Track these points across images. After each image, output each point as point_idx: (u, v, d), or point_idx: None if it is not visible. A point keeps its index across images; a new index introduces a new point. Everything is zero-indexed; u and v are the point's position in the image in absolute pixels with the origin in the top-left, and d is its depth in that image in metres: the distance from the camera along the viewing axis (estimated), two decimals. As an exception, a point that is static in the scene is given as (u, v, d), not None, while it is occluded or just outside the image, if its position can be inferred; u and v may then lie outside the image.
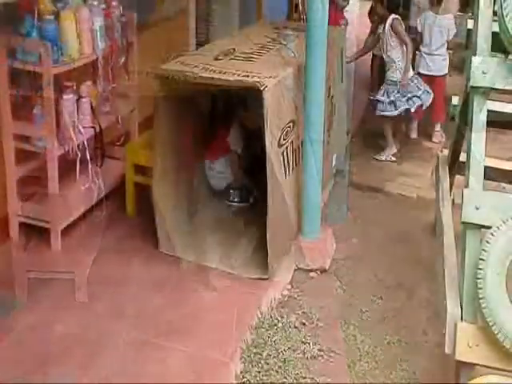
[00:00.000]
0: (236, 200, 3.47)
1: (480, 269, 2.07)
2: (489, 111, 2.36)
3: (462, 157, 2.94)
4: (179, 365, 2.40)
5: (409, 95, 4.17)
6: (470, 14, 4.63)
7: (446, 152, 3.35)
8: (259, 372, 2.41)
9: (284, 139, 2.89)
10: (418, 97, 4.21)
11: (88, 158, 3.04)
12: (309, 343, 2.57)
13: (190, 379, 2.34)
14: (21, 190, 3.02)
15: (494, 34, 2.38)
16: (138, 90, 3.45)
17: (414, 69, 4.42)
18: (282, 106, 2.86)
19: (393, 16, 4.14)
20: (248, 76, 2.73)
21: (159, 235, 3.05)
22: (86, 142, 2.99)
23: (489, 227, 2.14)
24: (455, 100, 4.02)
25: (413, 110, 4.23)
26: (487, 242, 2.09)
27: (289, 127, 2.93)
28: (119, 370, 2.35)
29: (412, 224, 3.60)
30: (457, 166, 3.16)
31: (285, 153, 2.92)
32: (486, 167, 2.28)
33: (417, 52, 4.63)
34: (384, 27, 4.15)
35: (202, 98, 3.11)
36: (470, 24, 3.16)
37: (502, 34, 2.32)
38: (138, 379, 2.32)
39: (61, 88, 2.87)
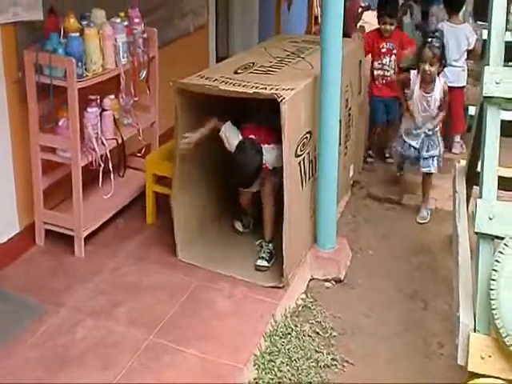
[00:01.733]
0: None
1: (493, 279, 2.05)
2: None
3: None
4: (193, 369, 2.45)
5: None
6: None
7: (463, 163, 3.33)
8: (272, 379, 2.43)
9: (301, 150, 2.93)
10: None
11: (110, 168, 3.15)
12: (322, 352, 2.58)
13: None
14: (47, 199, 3.14)
15: (507, 44, 2.37)
16: (158, 103, 3.55)
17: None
18: (300, 117, 2.90)
19: (444, 79, 3.73)
20: (266, 88, 2.79)
21: (177, 243, 3.13)
22: (108, 153, 3.10)
23: (502, 238, 2.13)
24: (472, 110, 3.97)
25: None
26: (500, 252, 2.08)
27: (306, 138, 2.97)
28: (135, 372, 2.42)
29: (429, 236, 3.58)
30: (474, 177, 3.14)
31: (301, 163, 2.96)
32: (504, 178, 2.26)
33: None
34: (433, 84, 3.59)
35: (221, 112, 3.17)
36: (485, 34, 3.14)
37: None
38: (152, 381, 2.38)
39: (85, 101, 2.98)
